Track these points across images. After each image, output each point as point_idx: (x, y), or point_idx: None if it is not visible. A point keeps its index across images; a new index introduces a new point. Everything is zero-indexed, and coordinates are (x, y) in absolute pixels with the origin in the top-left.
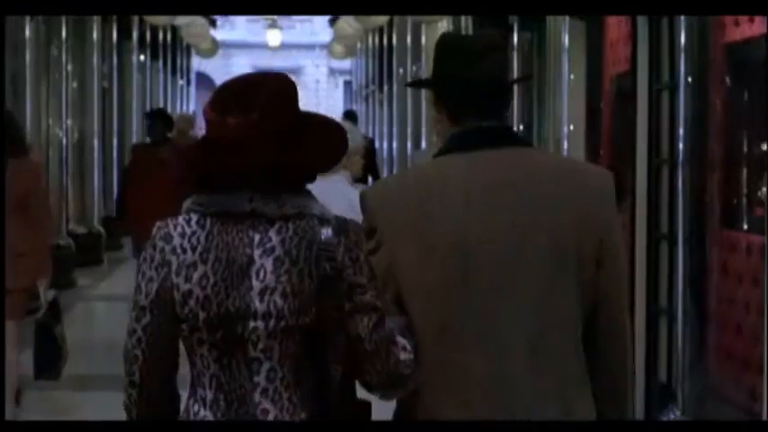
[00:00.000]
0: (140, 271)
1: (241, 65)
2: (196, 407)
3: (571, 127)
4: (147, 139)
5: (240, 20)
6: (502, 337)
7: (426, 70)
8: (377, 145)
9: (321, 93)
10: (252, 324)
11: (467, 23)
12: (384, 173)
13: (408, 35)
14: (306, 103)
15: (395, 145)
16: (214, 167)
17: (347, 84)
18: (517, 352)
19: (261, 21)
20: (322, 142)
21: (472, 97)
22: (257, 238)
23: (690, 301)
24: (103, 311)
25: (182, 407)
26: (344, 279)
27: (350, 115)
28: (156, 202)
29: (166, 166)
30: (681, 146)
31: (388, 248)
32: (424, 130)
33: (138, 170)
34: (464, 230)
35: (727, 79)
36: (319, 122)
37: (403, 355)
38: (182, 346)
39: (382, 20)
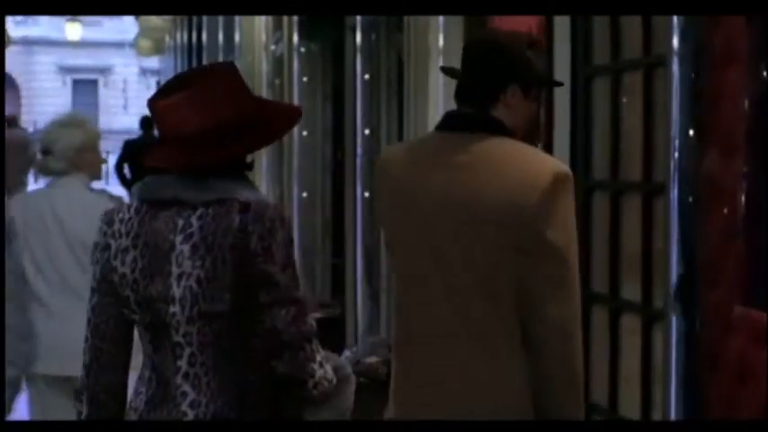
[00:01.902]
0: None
1: (44, 62)
2: (138, 383)
3: None
4: None
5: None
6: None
7: (241, 67)
8: None
9: (130, 93)
10: (171, 309)
11: (289, 18)
12: None
13: (220, 31)
14: (113, 104)
15: None
16: (150, 154)
17: (159, 84)
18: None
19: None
20: (258, 128)
21: (459, 87)
22: (180, 223)
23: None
24: None
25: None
26: (255, 267)
27: (146, 122)
28: None
29: None
30: (676, 155)
31: (377, 210)
32: None
33: None
34: (414, 200)
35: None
36: (260, 107)
37: (315, 365)
38: None
39: None
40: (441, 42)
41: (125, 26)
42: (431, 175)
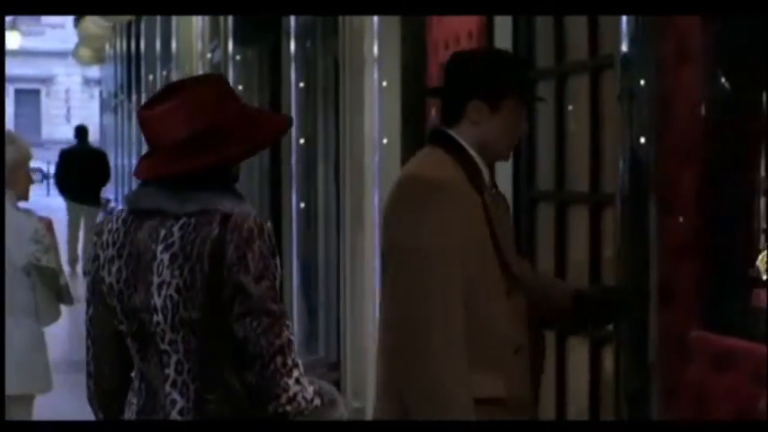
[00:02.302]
0: None
1: None
2: (130, 394)
3: (384, 141)
4: None
5: None
6: None
7: (178, 76)
8: (123, 162)
9: (73, 103)
10: (155, 318)
11: (225, 25)
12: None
13: (158, 37)
14: (56, 114)
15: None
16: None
17: (101, 94)
18: None
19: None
20: (243, 136)
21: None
22: (162, 233)
23: None
24: None
25: None
26: (231, 277)
27: (80, 132)
28: None
29: None
30: (626, 163)
31: None
32: None
33: None
34: None
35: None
36: (247, 115)
37: (290, 380)
38: None
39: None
40: (375, 48)
41: (67, 35)
42: None
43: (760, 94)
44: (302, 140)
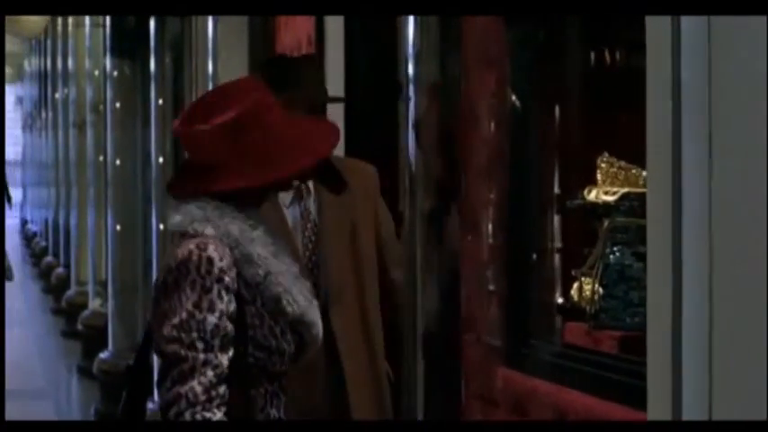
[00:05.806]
0: None
1: None
2: None
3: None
4: None
5: None
6: None
7: (77, 95)
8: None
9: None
10: None
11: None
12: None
13: (59, 55)
14: None
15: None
16: None
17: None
18: None
19: None
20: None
21: None
22: None
23: None
24: None
25: None
26: None
27: None
28: None
29: None
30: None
31: None
32: (73, 169)
33: None
34: None
35: None
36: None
37: None
38: None
39: (38, 29)
40: (210, 65)
41: None
42: None
43: (554, 108)
44: (161, 159)
